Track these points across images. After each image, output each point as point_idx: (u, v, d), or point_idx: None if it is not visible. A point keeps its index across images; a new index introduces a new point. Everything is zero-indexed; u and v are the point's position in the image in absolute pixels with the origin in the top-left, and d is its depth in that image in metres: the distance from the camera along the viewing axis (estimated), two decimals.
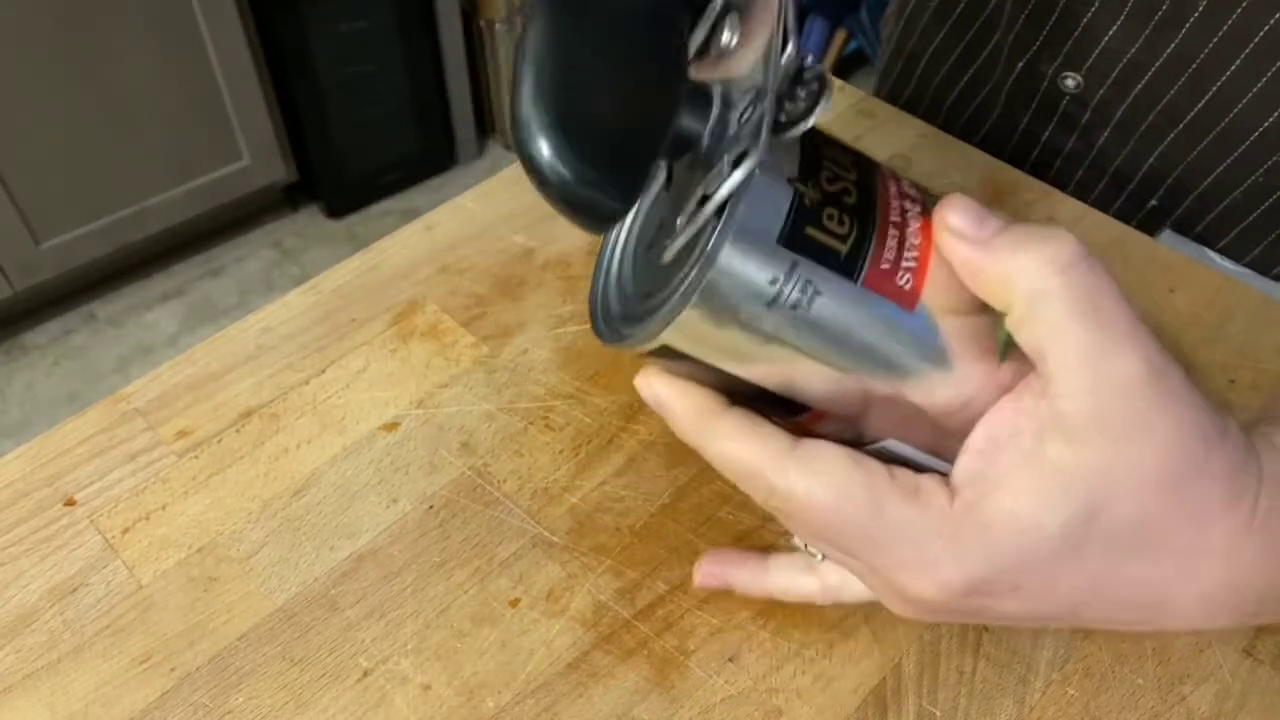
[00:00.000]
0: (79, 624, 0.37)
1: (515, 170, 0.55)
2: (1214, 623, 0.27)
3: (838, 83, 0.58)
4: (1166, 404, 0.24)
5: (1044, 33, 0.52)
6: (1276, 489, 0.25)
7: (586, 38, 0.23)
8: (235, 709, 0.34)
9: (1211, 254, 0.54)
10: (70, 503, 0.40)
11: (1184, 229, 0.54)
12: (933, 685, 0.34)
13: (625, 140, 0.23)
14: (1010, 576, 0.25)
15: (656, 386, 0.28)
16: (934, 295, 0.25)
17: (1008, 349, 0.25)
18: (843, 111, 0.57)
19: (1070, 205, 0.51)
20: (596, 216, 0.23)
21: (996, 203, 0.51)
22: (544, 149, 0.22)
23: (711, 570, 0.35)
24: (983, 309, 0.25)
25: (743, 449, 0.27)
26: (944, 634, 0.36)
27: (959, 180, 0.52)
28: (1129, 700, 0.34)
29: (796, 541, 0.33)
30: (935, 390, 0.25)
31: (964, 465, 0.26)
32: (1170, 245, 0.50)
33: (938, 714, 0.34)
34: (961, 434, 0.26)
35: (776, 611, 0.36)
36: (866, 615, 0.36)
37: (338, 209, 1.93)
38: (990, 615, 0.27)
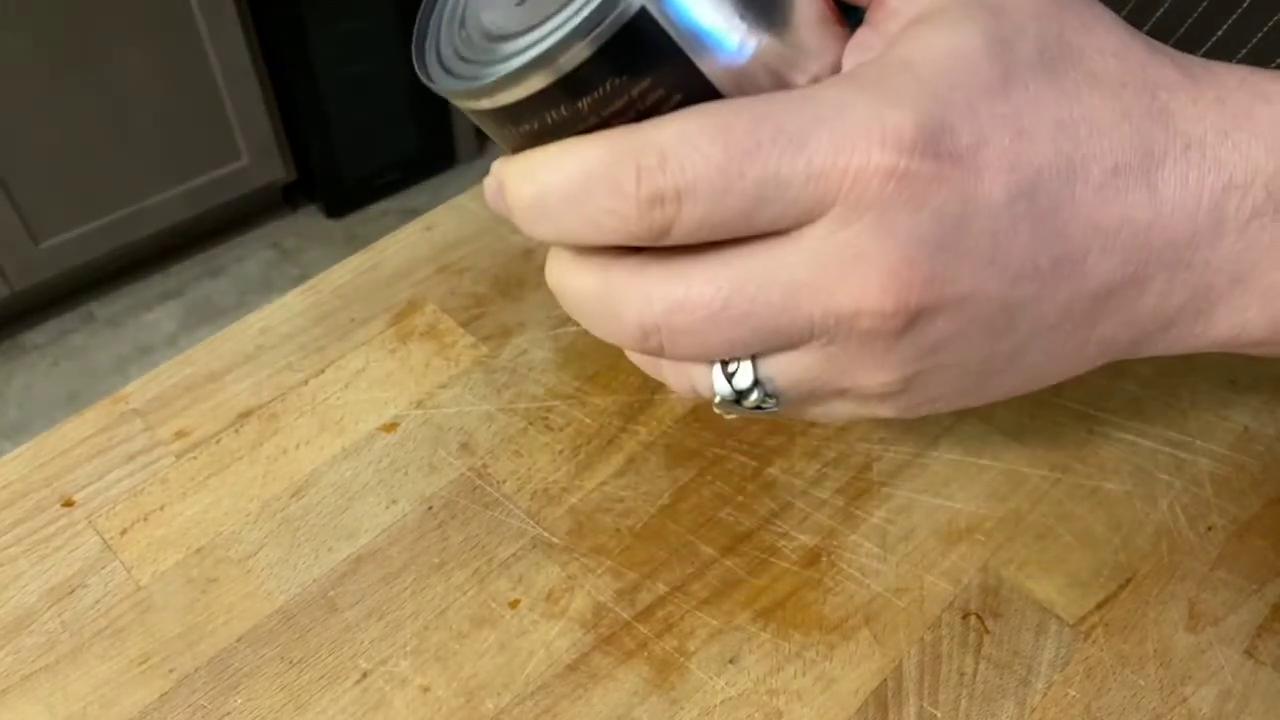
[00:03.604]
0: (77, 625, 0.37)
1: None
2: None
3: None
4: None
5: None
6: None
7: None
8: (234, 710, 0.34)
9: None
10: (68, 503, 0.40)
11: None
12: (933, 687, 0.34)
13: None
14: (961, 117, 0.21)
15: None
16: None
17: None
18: None
19: None
20: None
21: None
22: None
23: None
24: None
25: (586, 143, 0.21)
26: (944, 635, 0.35)
27: None
28: (1130, 702, 0.34)
29: (718, 385, 0.24)
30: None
31: (848, 65, 0.22)
32: None
33: (939, 715, 0.34)
34: None
35: (777, 613, 0.36)
36: (867, 617, 0.36)
37: (337, 209, 1.93)
38: (975, 225, 0.21)
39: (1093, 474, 0.40)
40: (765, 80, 0.22)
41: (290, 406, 0.43)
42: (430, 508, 0.40)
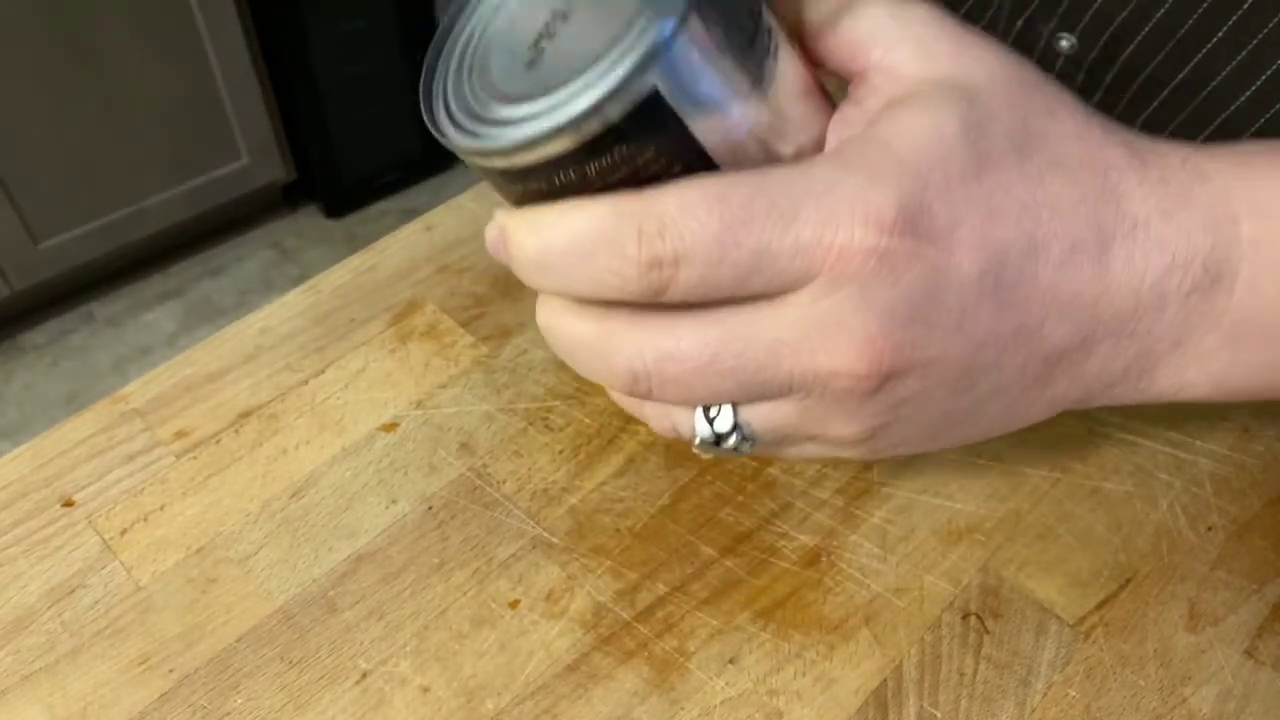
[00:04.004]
0: (77, 625, 0.37)
1: None
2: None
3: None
4: (981, 36, 0.25)
5: None
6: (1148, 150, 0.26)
7: None
8: (234, 710, 0.34)
9: None
10: (68, 503, 0.40)
11: None
12: (934, 687, 0.34)
13: None
14: (937, 198, 0.22)
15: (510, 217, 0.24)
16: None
17: None
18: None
19: None
20: None
21: None
22: None
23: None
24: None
25: (590, 207, 0.22)
26: (944, 635, 0.35)
27: None
28: (1130, 702, 0.34)
29: (699, 428, 0.26)
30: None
31: (831, 142, 0.24)
32: None
33: (939, 716, 0.34)
34: None
35: (777, 613, 0.36)
36: (867, 617, 0.36)
37: (337, 209, 1.93)
38: (946, 299, 0.23)
39: (1093, 474, 0.40)
40: (755, 149, 0.23)
41: (290, 406, 0.43)
42: (430, 508, 0.40)
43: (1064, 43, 0.53)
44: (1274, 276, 0.25)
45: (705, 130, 0.23)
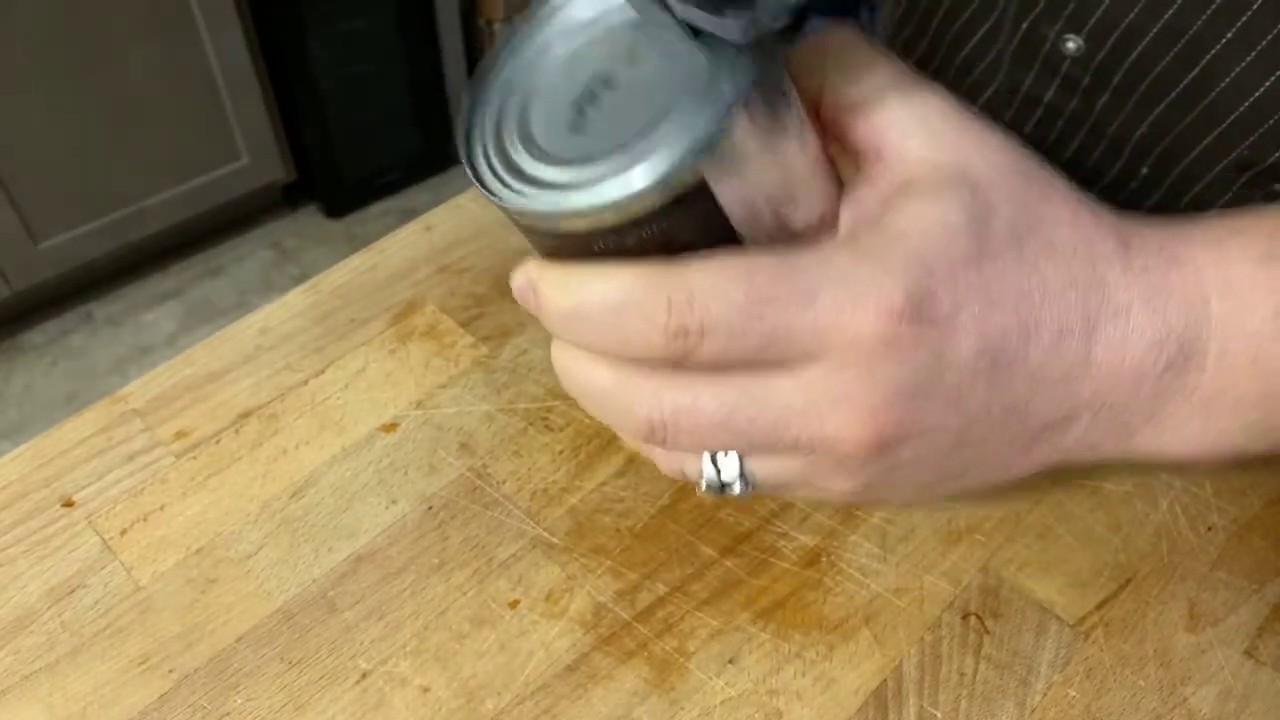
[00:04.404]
0: (77, 625, 0.37)
1: None
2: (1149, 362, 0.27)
3: None
4: (986, 125, 0.27)
5: None
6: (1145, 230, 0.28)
7: None
8: (234, 710, 0.34)
9: None
10: (68, 504, 0.40)
11: (1171, 201, 0.55)
12: (933, 687, 0.34)
13: None
14: (943, 288, 0.25)
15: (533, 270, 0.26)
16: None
17: None
18: None
19: None
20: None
21: None
22: None
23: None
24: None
25: (624, 274, 0.24)
26: (944, 635, 0.35)
27: None
28: (1130, 702, 0.34)
29: (706, 474, 0.28)
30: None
31: (846, 220, 0.26)
32: None
33: (939, 716, 0.34)
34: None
35: (777, 613, 0.36)
36: (867, 617, 0.36)
37: (336, 209, 1.93)
38: (945, 378, 0.25)
39: (1093, 474, 0.40)
40: (770, 218, 0.26)
41: (290, 406, 0.43)
42: (430, 508, 0.40)
43: (1070, 44, 0.53)
44: (1242, 350, 0.27)
45: (733, 203, 0.24)
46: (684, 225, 0.24)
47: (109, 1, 1.48)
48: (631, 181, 0.23)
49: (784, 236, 0.26)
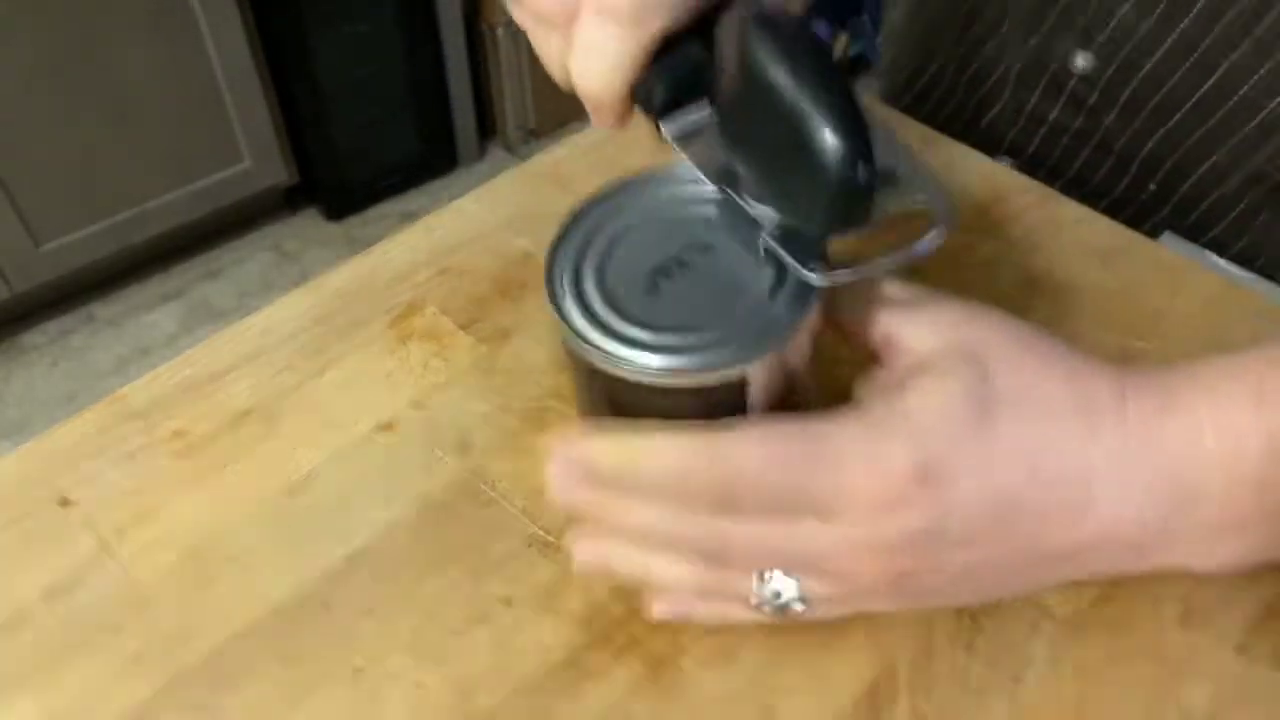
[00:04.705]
0: (74, 623, 0.37)
1: (515, 173, 0.55)
2: (1148, 520, 0.31)
3: None
4: (988, 311, 0.32)
5: (1058, 7, 0.53)
6: (1141, 384, 0.31)
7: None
8: (229, 707, 0.35)
9: (1214, 258, 0.54)
10: (66, 502, 0.40)
11: (1179, 217, 0.55)
12: (926, 683, 0.34)
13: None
14: (947, 453, 0.29)
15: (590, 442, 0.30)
16: None
17: None
18: None
19: (1070, 208, 0.51)
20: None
21: (996, 205, 0.51)
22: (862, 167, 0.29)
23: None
24: None
25: (674, 438, 0.29)
26: (937, 631, 0.36)
27: (959, 182, 0.52)
28: (1122, 698, 0.34)
29: (755, 591, 0.32)
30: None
31: (860, 396, 0.31)
32: (1171, 248, 0.50)
33: (931, 712, 0.34)
34: None
35: None
36: (861, 613, 0.36)
37: (337, 211, 1.93)
38: (953, 526, 0.30)
39: None
40: (780, 384, 0.31)
41: (289, 407, 0.43)
42: (427, 507, 0.40)
43: (1080, 61, 0.53)
44: (1243, 492, 0.30)
45: (759, 387, 0.31)
46: (714, 393, 0.30)
47: (111, 4, 1.48)
48: (692, 361, 0.30)
49: (784, 404, 0.32)
